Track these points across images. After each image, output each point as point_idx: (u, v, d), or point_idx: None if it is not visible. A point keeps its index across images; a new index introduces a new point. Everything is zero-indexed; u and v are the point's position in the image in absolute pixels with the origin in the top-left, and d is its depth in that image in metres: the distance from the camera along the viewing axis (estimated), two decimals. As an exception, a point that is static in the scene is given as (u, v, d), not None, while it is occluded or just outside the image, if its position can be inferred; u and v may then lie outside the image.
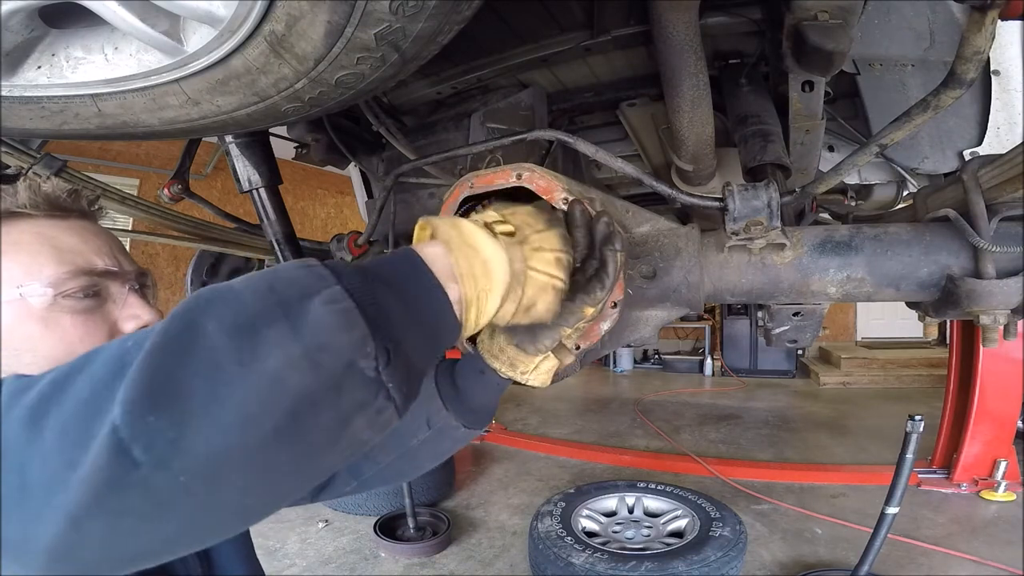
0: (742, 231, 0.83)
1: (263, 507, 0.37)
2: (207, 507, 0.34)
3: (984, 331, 0.79)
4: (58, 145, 3.62)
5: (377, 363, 0.37)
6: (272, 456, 0.34)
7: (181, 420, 0.32)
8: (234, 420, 0.33)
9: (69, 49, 0.68)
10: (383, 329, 0.38)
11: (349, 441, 0.38)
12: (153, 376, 0.33)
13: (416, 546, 2.73)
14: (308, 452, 0.36)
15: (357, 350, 0.37)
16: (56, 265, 0.59)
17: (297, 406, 0.34)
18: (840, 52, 0.90)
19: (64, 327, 0.59)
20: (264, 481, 0.35)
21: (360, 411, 0.37)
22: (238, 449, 0.33)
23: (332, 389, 0.36)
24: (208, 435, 0.32)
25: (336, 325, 0.36)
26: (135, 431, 0.31)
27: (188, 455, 0.32)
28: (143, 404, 0.32)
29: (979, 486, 3.26)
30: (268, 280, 0.38)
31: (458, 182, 0.86)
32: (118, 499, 0.32)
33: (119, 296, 0.64)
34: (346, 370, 0.36)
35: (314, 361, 0.35)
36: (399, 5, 0.57)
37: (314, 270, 0.39)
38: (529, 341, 0.64)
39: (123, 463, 0.31)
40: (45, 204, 0.61)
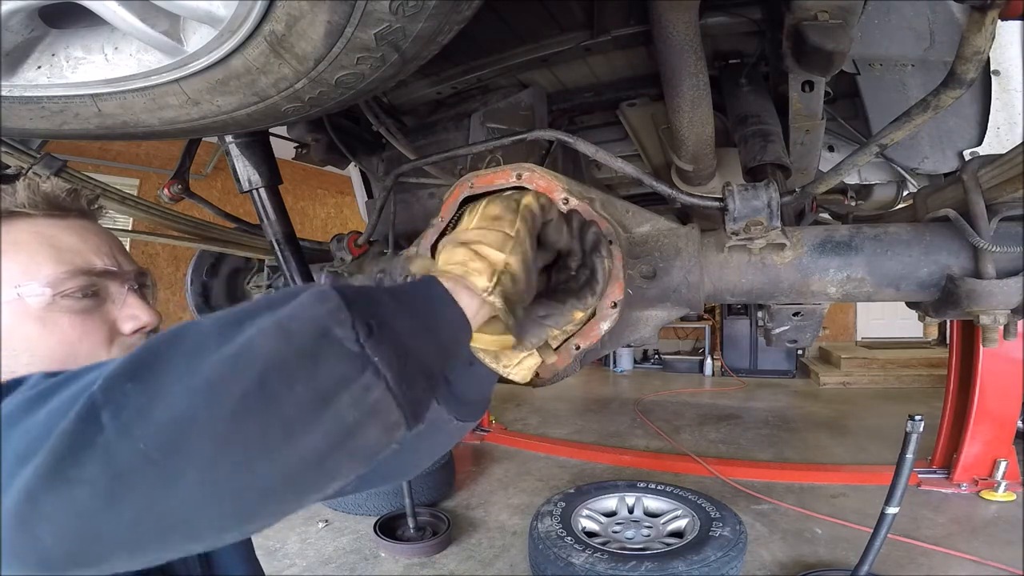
0: (742, 231, 0.83)
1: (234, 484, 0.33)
2: (169, 479, 0.31)
3: (984, 331, 0.79)
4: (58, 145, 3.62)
5: (357, 334, 0.36)
6: (239, 426, 0.32)
7: (154, 389, 0.32)
8: (200, 385, 0.32)
9: (69, 49, 0.68)
10: (363, 307, 0.38)
11: (334, 421, 0.34)
12: (142, 354, 0.34)
13: (416, 546, 2.73)
14: (282, 426, 0.33)
15: (331, 318, 0.36)
16: (55, 265, 0.59)
17: (266, 371, 0.33)
18: (840, 52, 0.90)
19: (63, 327, 0.59)
20: (233, 455, 0.32)
21: (344, 386, 0.35)
22: (203, 417, 0.31)
23: (307, 357, 0.34)
24: (174, 402, 0.32)
25: (311, 301, 0.37)
26: (108, 396, 0.32)
27: (151, 421, 0.31)
28: (124, 374, 0.33)
29: (979, 486, 3.26)
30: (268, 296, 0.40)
31: (458, 182, 0.85)
32: (76, 465, 0.30)
33: (118, 296, 0.64)
34: (320, 337, 0.35)
35: (285, 329, 0.35)
36: (399, 5, 0.57)
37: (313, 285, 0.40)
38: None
39: (88, 427, 0.31)
40: (44, 204, 0.61)
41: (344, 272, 1.45)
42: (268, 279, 1.79)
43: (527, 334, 0.64)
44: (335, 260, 1.46)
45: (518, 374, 0.67)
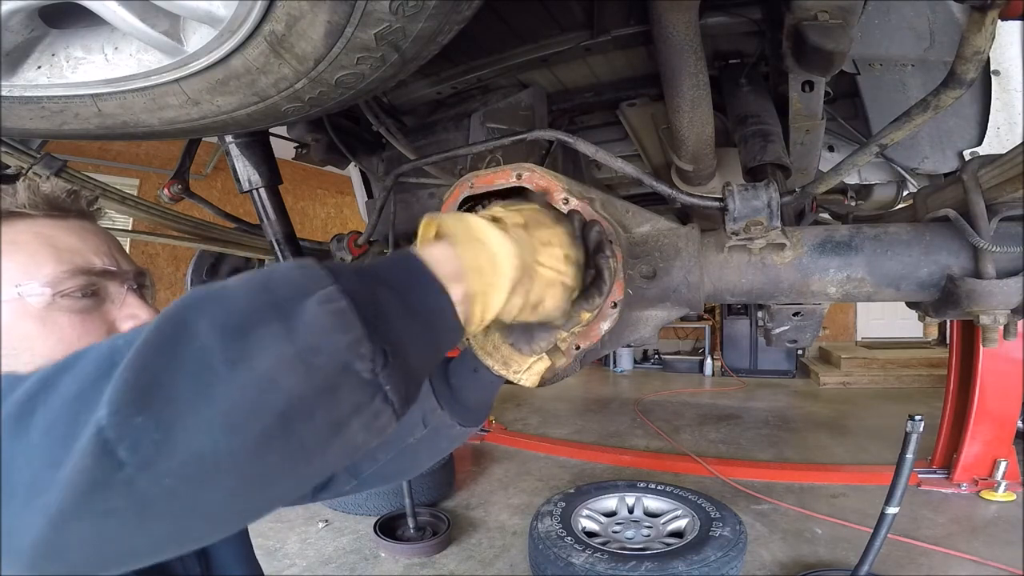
0: (742, 231, 0.83)
1: (254, 510, 0.36)
2: (194, 510, 0.33)
3: (984, 331, 0.79)
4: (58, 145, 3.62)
5: (374, 365, 0.36)
6: (261, 460, 0.33)
7: (168, 421, 0.31)
8: (222, 422, 0.32)
9: (69, 49, 0.68)
10: (380, 330, 0.37)
11: (344, 444, 0.36)
12: (140, 375, 0.32)
13: (416, 546, 2.73)
14: (300, 455, 0.34)
15: (352, 351, 0.35)
16: (54, 264, 0.59)
17: (288, 409, 0.33)
18: (840, 52, 0.90)
19: (62, 327, 0.59)
20: (253, 485, 0.34)
21: (356, 414, 0.36)
22: (225, 452, 0.32)
23: (326, 392, 0.34)
24: (194, 437, 0.31)
25: (331, 326, 0.35)
26: (121, 431, 0.31)
27: (173, 457, 0.31)
28: (130, 404, 0.31)
29: (979, 486, 3.26)
30: (263, 279, 0.37)
31: (458, 182, 0.85)
32: (102, 500, 0.31)
33: (117, 296, 0.64)
34: (341, 372, 0.35)
35: (308, 363, 0.34)
36: (399, 5, 0.57)
37: (310, 270, 0.38)
38: (525, 341, 0.64)
39: (108, 464, 0.30)
40: (44, 204, 0.61)
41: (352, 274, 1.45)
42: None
43: (535, 338, 0.64)
44: (335, 260, 1.46)
45: (528, 379, 0.67)
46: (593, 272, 0.63)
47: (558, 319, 0.59)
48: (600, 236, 0.64)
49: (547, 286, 0.54)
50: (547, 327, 0.63)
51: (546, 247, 0.55)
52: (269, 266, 0.40)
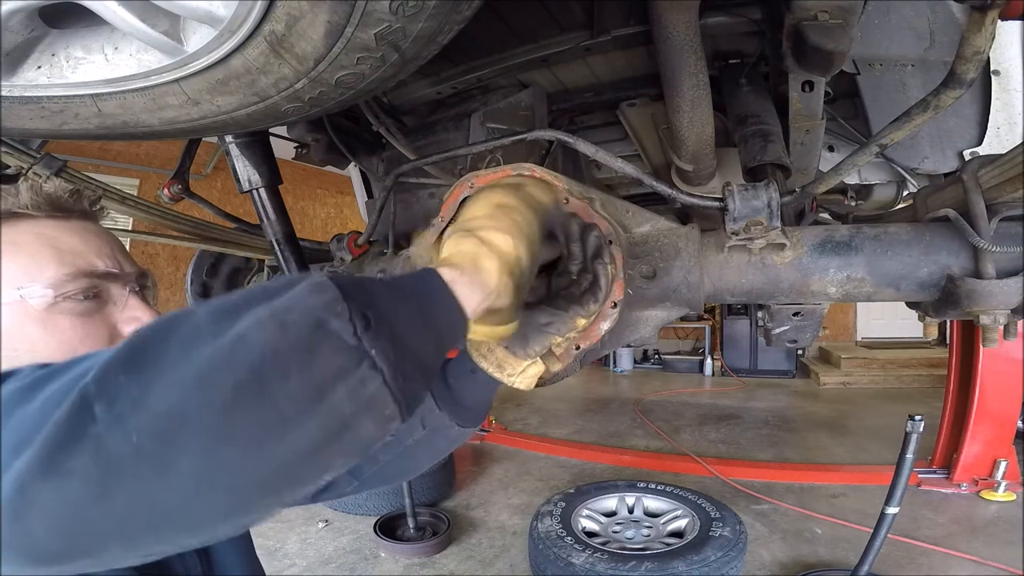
0: (742, 231, 0.83)
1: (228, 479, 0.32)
2: (159, 474, 0.31)
3: (984, 331, 0.79)
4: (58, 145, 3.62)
5: (355, 327, 0.35)
6: (233, 419, 0.32)
7: (147, 380, 0.32)
8: (193, 377, 0.32)
9: (69, 49, 0.68)
10: (360, 298, 0.37)
11: (330, 413, 0.34)
12: (135, 344, 0.34)
13: (416, 546, 2.73)
14: (277, 418, 0.32)
15: (327, 310, 0.35)
16: (57, 266, 0.59)
17: (261, 364, 0.32)
18: (840, 52, 0.90)
19: (63, 329, 0.59)
20: (226, 448, 0.32)
21: (340, 379, 0.34)
22: (194, 408, 0.31)
23: (303, 350, 0.33)
24: (168, 393, 0.31)
25: (307, 291, 0.36)
26: (102, 387, 0.32)
27: (144, 412, 0.31)
28: (118, 365, 0.32)
29: (979, 486, 3.26)
30: (264, 283, 0.39)
31: (458, 182, 0.85)
32: (67, 457, 0.30)
33: (119, 298, 0.64)
34: (316, 329, 0.34)
35: (280, 320, 0.34)
36: (399, 5, 0.57)
37: (309, 275, 0.38)
38: (519, 345, 0.64)
39: (81, 419, 0.31)
40: (47, 205, 0.61)
41: (344, 272, 1.45)
42: (268, 279, 1.79)
43: (530, 342, 0.63)
44: (335, 260, 1.46)
45: (523, 383, 0.66)
46: (590, 277, 0.63)
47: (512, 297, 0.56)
48: (599, 242, 0.63)
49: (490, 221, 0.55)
50: (540, 330, 0.62)
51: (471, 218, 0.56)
52: None
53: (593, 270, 0.63)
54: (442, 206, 0.87)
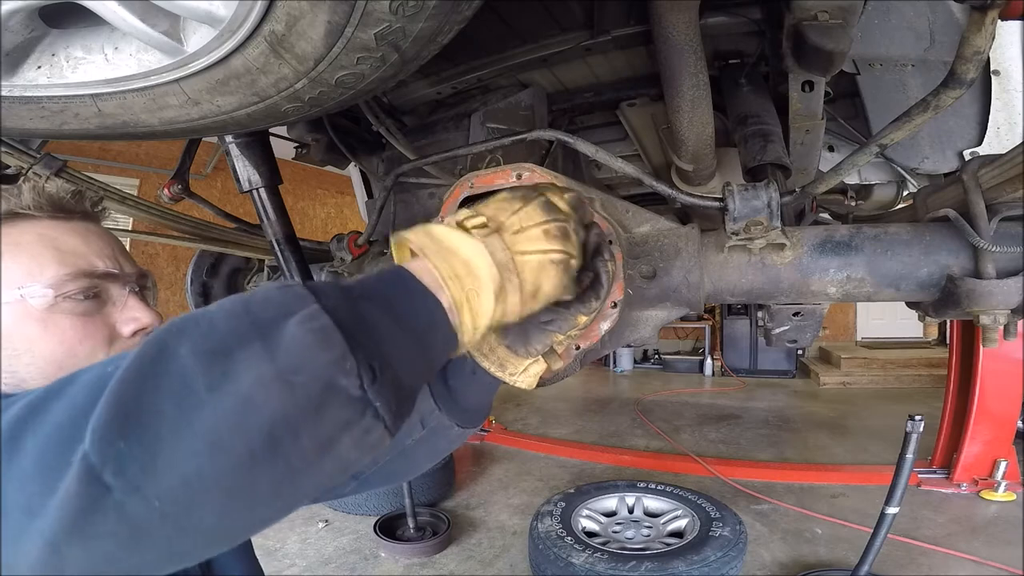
0: (742, 231, 0.83)
1: (249, 527, 0.37)
2: (186, 530, 0.33)
3: (984, 331, 0.79)
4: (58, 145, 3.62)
5: (361, 380, 0.35)
6: (249, 479, 0.33)
7: (151, 444, 0.31)
8: (205, 443, 0.32)
9: (69, 49, 0.68)
10: (366, 345, 0.37)
11: (336, 461, 0.36)
12: (122, 400, 0.32)
13: (416, 546, 2.73)
14: (288, 474, 0.34)
15: (336, 368, 0.35)
16: (57, 267, 0.59)
17: (273, 429, 0.33)
18: (840, 52, 0.90)
19: (63, 329, 0.59)
20: (245, 503, 0.34)
21: (346, 430, 0.36)
22: (211, 473, 0.32)
23: (310, 411, 0.34)
24: (179, 459, 0.31)
25: (312, 343, 0.35)
26: (104, 456, 0.31)
27: (160, 480, 0.31)
28: (112, 429, 0.32)
29: (979, 486, 3.26)
30: (244, 302, 0.37)
31: (458, 182, 0.85)
32: (93, 524, 0.31)
33: (119, 298, 0.64)
34: (325, 390, 0.34)
35: (288, 382, 0.34)
36: (399, 5, 0.57)
37: (292, 290, 0.38)
38: (521, 343, 0.63)
39: (95, 489, 0.31)
40: (48, 205, 0.62)
41: (344, 272, 1.45)
42: (268, 279, 1.79)
43: (532, 340, 0.63)
44: (335, 260, 1.46)
45: (524, 381, 0.66)
46: (591, 275, 0.62)
47: (567, 294, 0.57)
48: (599, 239, 0.63)
49: (538, 271, 0.52)
50: (541, 329, 0.62)
51: (520, 233, 0.52)
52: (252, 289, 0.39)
53: (594, 268, 0.62)
54: (442, 206, 0.87)
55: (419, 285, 0.44)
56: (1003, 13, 0.57)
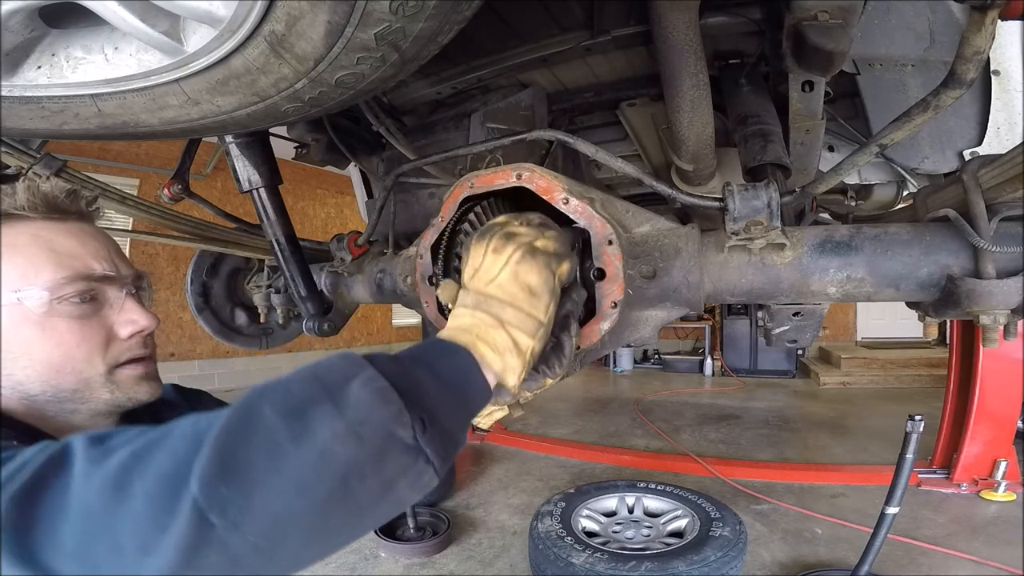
0: (742, 231, 0.83)
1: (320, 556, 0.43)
2: (274, 560, 0.40)
3: (984, 331, 0.79)
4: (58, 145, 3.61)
5: (415, 431, 0.43)
6: (327, 517, 0.40)
7: (247, 490, 0.38)
8: (291, 488, 0.38)
9: (69, 49, 0.68)
10: (417, 401, 0.44)
11: (393, 500, 0.43)
12: (221, 453, 0.38)
13: (416, 546, 2.73)
14: (357, 512, 0.41)
15: (395, 421, 0.42)
16: (54, 269, 0.59)
17: (347, 473, 0.40)
18: (840, 52, 0.90)
19: (60, 332, 0.59)
20: (321, 537, 0.41)
21: (403, 474, 0.43)
22: (298, 512, 0.39)
23: (375, 456, 0.41)
24: (271, 501, 0.38)
25: (374, 401, 0.42)
26: (210, 500, 0.37)
27: (256, 519, 0.38)
28: (215, 477, 0.37)
29: (979, 486, 3.26)
30: (312, 370, 0.44)
31: (458, 182, 0.86)
32: (201, 557, 0.37)
33: (116, 300, 0.64)
34: (386, 439, 0.42)
35: (358, 434, 0.40)
36: (399, 5, 0.57)
37: (351, 358, 0.45)
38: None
39: (203, 527, 0.37)
40: (43, 206, 0.61)
41: (344, 272, 1.45)
42: (268, 279, 1.78)
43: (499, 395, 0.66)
44: (335, 260, 1.46)
45: (484, 423, 0.71)
46: (554, 341, 0.67)
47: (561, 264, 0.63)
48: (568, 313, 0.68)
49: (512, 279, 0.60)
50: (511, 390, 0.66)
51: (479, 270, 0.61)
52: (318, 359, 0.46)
53: (558, 338, 0.67)
54: (442, 206, 0.87)
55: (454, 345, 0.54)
56: (1003, 13, 0.57)
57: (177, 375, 5.76)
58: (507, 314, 0.57)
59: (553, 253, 0.63)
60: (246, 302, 1.93)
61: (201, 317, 1.86)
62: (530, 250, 0.61)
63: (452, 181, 0.95)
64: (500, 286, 0.59)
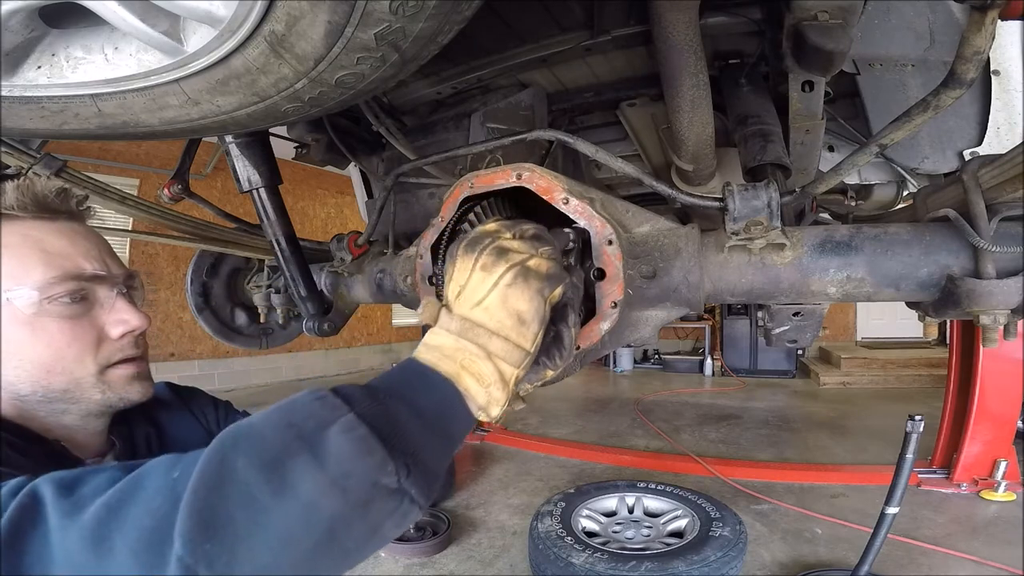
0: (742, 231, 0.83)
1: None
2: None
3: (984, 331, 0.79)
4: (58, 145, 3.61)
5: (399, 477, 0.42)
6: (315, 564, 0.40)
7: (232, 544, 0.38)
8: (277, 542, 0.38)
9: (69, 49, 0.68)
10: (399, 445, 0.43)
11: (380, 539, 0.43)
12: (200, 512, 0.38)
13: (416, 546, 2.73)
14: (344, 555, 0.42)
15: (379, 470, 0.41)
16: (44, 269, 0.59)
17: (332, 525, 0.40)
18: (840, 52, 0.90)
19: (51, 332, 0.59)
20: None
21: (388, 517, 0.42)
22: (283, 564, 0.39)
23: (361, 506, 0.40)
24: (256, 555, 0.38)
25: (356, 451, 0.41)
26: (196, 556, 0.37)
27: (244, 570, 0.38)
28: (197, 534, 0.37)
29: (979, 486, 3.26)
30: (286, 415, 0.43)
31: (458, 182, 0.85)
32: None
33: (107, 300, 0.64)
34: (371, 489, 0.41)
35: (342, 487, 0.40)
36: (399, 5, 0.57)
37: (327, 400, 0.43)
38: None
39: None
40: (33, 205, 0.61)
41: (344, 272, 1.45)
42: (268, 279, 1.78)
43: None
44: (335, 260, 1.46)
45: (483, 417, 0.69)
46: (554, 331, 0.63)
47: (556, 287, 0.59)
48: (566, 301, 0.64)
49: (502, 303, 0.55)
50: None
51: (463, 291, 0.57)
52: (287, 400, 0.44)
53: (557, 329, 0.64)
54: (442, 206, 0.87)
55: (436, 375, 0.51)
56: (1003, 13, 0.57)
57: (177, 375, 5.76)
58: (494, 345, 0.53)
59: (547, 276, 0.57)
60: (246, 302, 1.93)
61: (201, 317, 1.86)
62: (522, 272, 0.56)
63: (452, 181, 0.95)
64: (487, 311, 0.54)
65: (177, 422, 0.79)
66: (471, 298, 0.56)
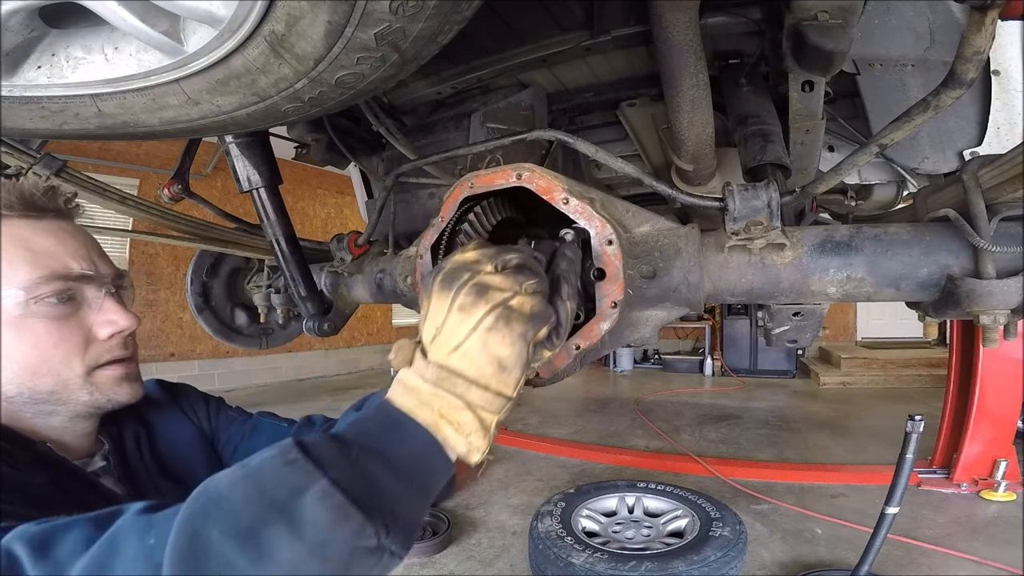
0: (742, 231, 0.83)
1: None
2: None
3: (984, 331, 0.79)
4: (58, 145, 3.61)
5: (378, 538, 0.41)
6: None
7: None
8: None
9: (69, 49, 0.68)
10: (377, 507, 0.42)
11: None
12: None
13: (416, 546, 2.73)
14: None
15: (357, 536, 0.40)
16: (30, 269, 0.58)
17: None
18: (840, 52, 0.90)
19: (38, 334, 0.58)
20: None
21: (370, 570, 0.42)
22: None
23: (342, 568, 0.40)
24: None
25: (333, 520, 0.39)
26: None
27: None
28: None
29: (979, 486, 3.26)
30: (256, 483, 0.41)
31: (458, 182, 0.86)
32: None
33: (95, 300, 0.63)
34: (351, 555, 0.40)
35: (321, 556, 0.39)
36: (399, 5, 0.57)
37: (298, 465, 0.41)
38: None
39: None
40: (20, 204, 0.60)
41: (344, 272, 1.45)
42: (268, 279, 1.79)
43: None
44: (335, 260, 1.46)
45: None
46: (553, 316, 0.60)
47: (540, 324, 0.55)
48: (558, 277, 0.61)
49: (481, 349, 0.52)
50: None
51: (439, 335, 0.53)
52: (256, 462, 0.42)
53: (555, 308, 0.59)
54: (442, 206, 0.87)
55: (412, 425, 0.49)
56: (1003, 13, 0.57)
57: (177, 375, 5.76)
58: (473, 395, 0.50)
59: (530, 317, 0.52)
60: (246, 302, 1.93)
61: (201, 317, 1.86)
62: (504, 314, 0.51)
63: (452, 181, 0.95)
64: (466, 357, 0.50)
65: (167, 421, 0.79)
66: (448, 342, 0.51)
